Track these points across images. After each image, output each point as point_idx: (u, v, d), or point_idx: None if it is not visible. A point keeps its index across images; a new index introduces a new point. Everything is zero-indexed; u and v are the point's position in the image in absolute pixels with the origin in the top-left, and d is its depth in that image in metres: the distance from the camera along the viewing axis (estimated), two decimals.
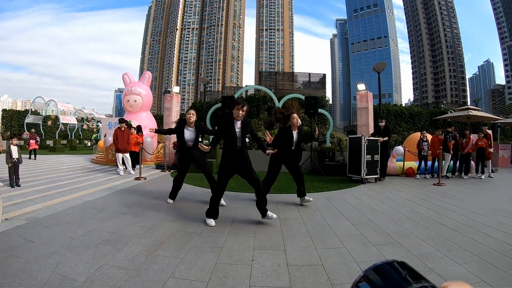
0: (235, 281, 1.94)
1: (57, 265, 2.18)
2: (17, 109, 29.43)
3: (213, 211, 3.28)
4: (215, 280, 1.95)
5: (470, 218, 3.63)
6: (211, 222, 3.23)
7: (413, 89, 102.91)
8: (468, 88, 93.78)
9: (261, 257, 2.34)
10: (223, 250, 2.47)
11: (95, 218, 3.41)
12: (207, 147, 3.25)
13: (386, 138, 6.63)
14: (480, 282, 2.00)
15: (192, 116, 4.08)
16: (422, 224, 3.34)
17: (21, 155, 5.79)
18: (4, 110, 25.71)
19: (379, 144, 6.61)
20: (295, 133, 4.16)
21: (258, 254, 2.41)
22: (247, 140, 3.28)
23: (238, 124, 3.26)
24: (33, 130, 16.02)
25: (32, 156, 11.55)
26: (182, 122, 4.16)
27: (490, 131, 8.70)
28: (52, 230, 2.98)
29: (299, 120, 4.29)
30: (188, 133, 4.10)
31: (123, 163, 7.51)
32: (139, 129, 8.62)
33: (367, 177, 6.38)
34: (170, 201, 4.35)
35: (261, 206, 3.26)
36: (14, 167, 5.45)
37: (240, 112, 3.21)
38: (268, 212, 3.27)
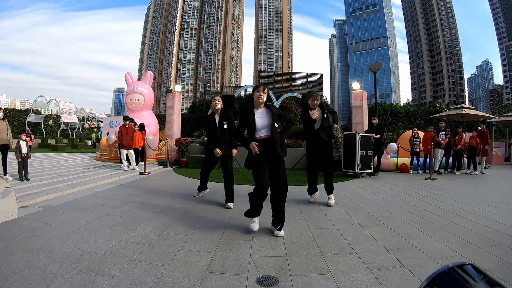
0: (238, 252, 2.21)
1: (77, 242, 2.44)
2: (18, 109, 29.57)
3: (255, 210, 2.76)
4: (220, 251, 2.22)
5: (455, 207, 3.87)
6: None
7: (412, 89, 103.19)
8: (466, 88, 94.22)
9: (261, 235, 2.61)
10: (226, 230, 2.75)
11: (106, 205, 3.67)
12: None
13: (378, 136, 6.92)
14: (457, 256, 2.26)
15: (218, 103, 3.86)
16: (409, 211, 3.61)
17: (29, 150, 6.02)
18: (6, 109, 25.88)
19: (372, 140, 6.89)
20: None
21: (258, 233, 2.68)
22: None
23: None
24: (27, 128, 16.28)
25: None
26: (211, 115, 3.97)
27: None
28: (68, 215, 3.23)
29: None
30: (216, 121, 3.88)
31: (127, 159, 7.76)
32: (141, 127, 8.87)
33: (361, 171, 6.65)
34: (203, 192, 4.31)
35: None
36: (23, 162, 5.69)
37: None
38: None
